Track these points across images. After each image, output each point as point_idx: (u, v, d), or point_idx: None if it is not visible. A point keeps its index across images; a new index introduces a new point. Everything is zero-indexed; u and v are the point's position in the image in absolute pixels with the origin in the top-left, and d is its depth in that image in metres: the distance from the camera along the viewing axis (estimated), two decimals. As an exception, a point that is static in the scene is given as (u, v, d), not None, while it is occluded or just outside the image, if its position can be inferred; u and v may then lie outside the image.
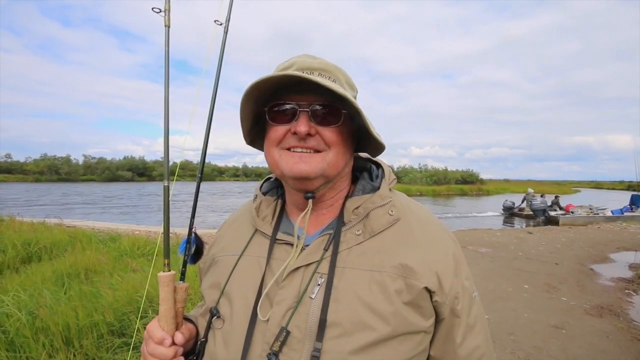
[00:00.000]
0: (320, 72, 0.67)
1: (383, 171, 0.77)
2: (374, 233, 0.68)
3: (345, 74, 0.72)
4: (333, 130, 0.66)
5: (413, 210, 0.74)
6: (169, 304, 0.73)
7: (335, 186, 0.74)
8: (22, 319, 2.77)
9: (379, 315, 0.61)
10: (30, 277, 4.27)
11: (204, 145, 0.88)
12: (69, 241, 6.22)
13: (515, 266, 6.91)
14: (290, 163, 0.66)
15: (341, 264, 0.66)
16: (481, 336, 0.71)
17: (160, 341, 0.70)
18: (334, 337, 0.60)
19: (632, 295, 5.34)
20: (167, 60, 0.74)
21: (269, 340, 0.62)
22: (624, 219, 15.30)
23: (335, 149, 0.67)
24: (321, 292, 0.64)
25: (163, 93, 0.73)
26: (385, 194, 0.72)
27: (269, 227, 0.75)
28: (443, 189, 48.98)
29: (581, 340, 3.74)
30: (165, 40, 0.73)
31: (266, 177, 0.87)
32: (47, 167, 69.57)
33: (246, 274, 0.71)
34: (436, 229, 0.73)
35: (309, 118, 0.65)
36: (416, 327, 0.63)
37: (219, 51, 0.88)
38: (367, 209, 0.70)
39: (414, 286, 0.63)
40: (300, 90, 0.66)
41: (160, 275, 0.73)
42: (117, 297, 3.29)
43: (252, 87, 0.63)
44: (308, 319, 0.62)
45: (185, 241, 0.86)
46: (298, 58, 0.70)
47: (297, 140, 0.66)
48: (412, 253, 0.66)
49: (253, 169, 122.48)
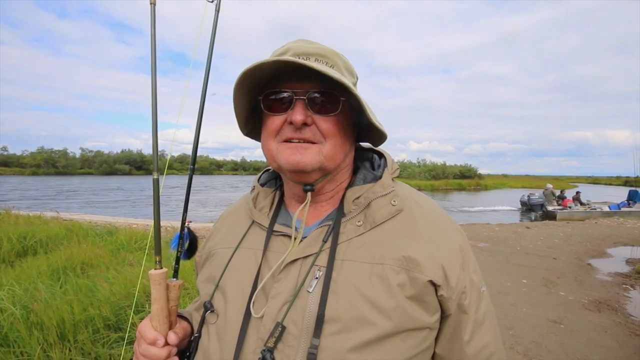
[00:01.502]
0: (317, 57, 0.64)
1: (385, 161, 0.73)
2: (376, 224, 0.65)
3: (344, 60, 0.69)
4: (330, 119, 0.63)
5: (417, 200, 0.71)
6: (161, 303, 0.69)
7: (336, 178, 0.70)
8: (16, 313, 2.73)
9: (380, 310, 0.58)
10: (25, 271, 4.22)
11: (196, 130, 0.83)
12: (65, 234, 6.18)
13: (513, 261, 6.93)
14: (286, 155, 0.63)
15: (340, 256, 0.63)
16: (490, 333, 0.68)
17: (153, 342, 0.67)
18: (332, 333, 0.57)
19: (629, 290, 5.36)
20: (154, 39, 0.69)
21: (264, 336, 0.59)
22: (621, 214, 15.39)
23: (332, 141, 0.64)
24: (319, 285, 0.61)
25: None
26: (388, 183, 0.69)
27: (266, 219, 0.72)
28: (441, 183, 49.17)
29: (579, 335, 3.75)
30: (151, 20, 0.69)
31: (265, 169, 0.84)
32: (44, 160, 69.27)
33: (242, 266, 0.69)
34: (441, 220, 0.69)
35: (305, 106, 0.62)
36: (420, 323, 0.60)
37: (211, 31, 0.82)
38: (368, 198, 0.67)
39: (417, 279, 0.60)
40: (296, 78, 0.63)
41: (151, 273, 0.69)
42: (114, 291, 3.26)
43: (244, 74, 0.59)
44: (305, 313, 0.59)
45: (177, 236, 0.82)
46: (294, 43, 0.66)
47: (293, 131, 0.63)
48: (416, 245, 0.63)
49: (251, 163, 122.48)
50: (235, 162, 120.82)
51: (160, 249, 0.73)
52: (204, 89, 0.82)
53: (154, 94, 0.69)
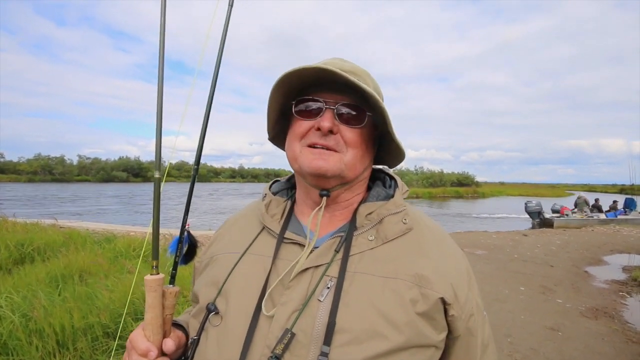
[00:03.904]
0: (350, 74, 0.67)
1: (396, 182, 0.77)
2: (387, 240, 0.66)
3: (374, 81, 0.73)
4: (355, 131, 0.67)
5: (426, 222, 0.73)
6: (155, 312, 0.65)
7: (352, 189, 0.72)
8: (15, 321, 2.72)
9: (393, 324, 0.58)
10: (23, 278, 4.19)
11: (202, 129, 0.83)
12: (63, 242, 6.13)
13: (511, 268, 6.94)
14: (309, 159, 0.65)
15: (352, 268, 0.63)
16: (494, 357, 0.71)
17: (145, 353, 0.63)
18: (342, 344, 0.57)
19: (626, 298, 5.39)
20: (163, 30, 0.67)
21: (271, 343, 0.58)
22: (617, 222, 15.46)
23: (354, 151, 0.67)
24: (330, 295, 0.61)
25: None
26: (400, 202, 0.71)
27: (277, 225, 0.72)
28: (439, 191, 49.19)
29: (577, 342, 3.76)
30: (161, 10, 0.68)
31: (274, 179, 0.86)
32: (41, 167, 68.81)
33: (249, 272, 0.68)
34: (448, 243, 0.72)
35: (334, 116, 0.66)
36: (429, 340, 0.61)
37: (222, 28, 0.82)
38: (380, 215, 0.68)
39: (429, 296, 0.61)
40: (328, 89, 0.67)
41: (147, 279, 0.65)
42: (113, 299, 3.25)
43: (285, 76, 0.63)
44: (315, 322, 0.58)
45: (176, 240, 0.79)
46: (330, 60, 0.71)
47: (319, 137, 0.66)
48: (426, 263, 0.65)
49: (249, 170, 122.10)
50: (234, 169, 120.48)
51: (158, 253, 0.69)
52: (211, 92, 0.83)
53: (160, 93, 0.69)
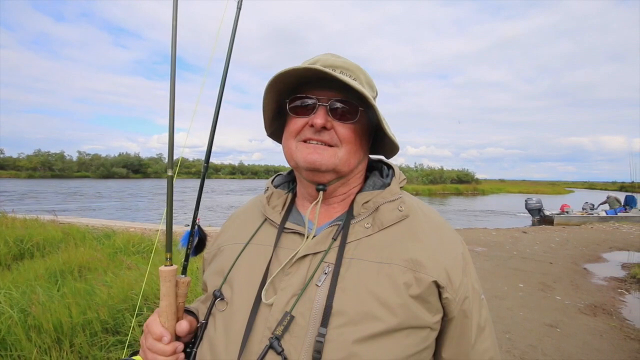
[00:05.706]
0: (342, 70, 0.69)
1: (394, 171, 0.78)
2: (383, 227, 0.69)
3: (366, 75, 0.74)
4: (348, 126, 0.68)
5: (422, 209, 0.75)
6: (170, 300, 0.71)
7: (348, 182, 0.75)
8: (14, 316, 2.72)
9: (387, 307, 0.61)
10: (22, 274, 4.20)
11: (212, 127, 0.88)
12: (62, 238, 6.14)
13: (510, 265, 6.96)
14: (304, 153, 0.68)
15: (349, 254, 0.66)
16: (490, 340, 0.72)
17: (159, 338, 0.69)
18: (338, 325, 0.59)
19: (624, 295, 5.40)
20: (174, 36, 0.72)
21: (271, 325, 0.61)
22: (617, 219, 15.45)
23: (348, 146, 0.69)
24: (328, 280, 0.64)
25: (169, 86, 0.72)
26: (395, 190, 0.73)
27: (278, 216, 0.76)
28: (439, 188, 49.28)
29: (575, 338, 3.77)
30: (173, 14, 0.73)
31: (277, 173, 0.89)
32: (41, 163, 68.89)
33: (252, 261, 0.71)
34: (445, 229, 0.74)
35: (326, 112, 0.67)
36: (423, 321, 0.63)
37: (232, 28, 0.88)
38: (376, 203, 0.71)
39: (423, 280, 0.63)
40: (321, 86, 0.69)
41: (161, 270, 0.71)
42: (112, 295, 3.25)
43: (277, 77, 0.65)
44: (313, 306, 0.62)
45: (187, 233, 0.85)
46: (322, 56, 0.72)
47: (313, 133, 0.68)
48: (421, 249, 0.67)
49: (249, 167, 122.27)
50: (233, 166, 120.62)
51: (172, 245, 0.75)
52: (221, 88, 0.87)
53: (172, 96, 0.73)
